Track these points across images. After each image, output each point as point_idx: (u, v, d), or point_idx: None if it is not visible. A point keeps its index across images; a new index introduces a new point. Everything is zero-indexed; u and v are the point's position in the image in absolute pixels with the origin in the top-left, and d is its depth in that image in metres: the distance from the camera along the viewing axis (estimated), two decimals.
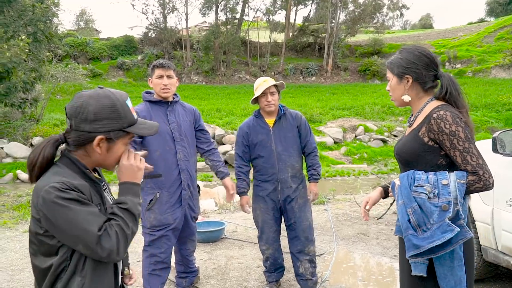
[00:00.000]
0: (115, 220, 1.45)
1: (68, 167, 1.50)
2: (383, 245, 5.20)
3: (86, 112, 1.46)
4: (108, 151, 1.52)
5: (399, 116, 20.61)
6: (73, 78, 21.75)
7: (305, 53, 37.26)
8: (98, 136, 1.47)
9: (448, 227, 1.80)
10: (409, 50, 2.04)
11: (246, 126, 3.74)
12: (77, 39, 33.43)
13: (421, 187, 1.88)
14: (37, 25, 8.73)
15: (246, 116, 20.70)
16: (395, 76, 2.06)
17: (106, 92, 1.52)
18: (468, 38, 36.44)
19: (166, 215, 3.23)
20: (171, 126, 3.30)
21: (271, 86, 3.55)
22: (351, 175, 14.45)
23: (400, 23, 68.00)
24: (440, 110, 1.89)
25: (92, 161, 1.54)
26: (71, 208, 1.37)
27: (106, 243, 1.39)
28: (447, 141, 1.87)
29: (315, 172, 3.66)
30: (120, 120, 1.50)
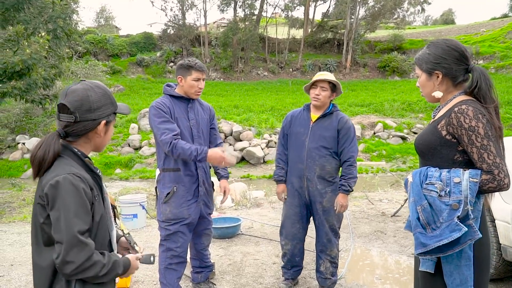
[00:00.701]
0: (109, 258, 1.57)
1: (72, 158, 1.63)
2: (400, 243, 5.12)
3: (88, 102, 1.63)
4: (105, 133, 1.73)
5: (419, 113, 20.32)
6: (93, 74, 22.12)
7: (323, 49, 36.98)
8: (102, 121, 1.67)
9: (456, 226, 1.75)
10: (438, 45, 1.97)
11: (290, 115, 3.73)
12: (97, 36, 33.86)
13: (432, 184, 1.83)
14: (56, 22, 8.84)
15: (264, 112, 20.71)
16: (424, 73, 2.00)
17: (94, 83, 1.71)
18: (491, 34, 35.61)
19: (181, 209, 3.24)
20: (191, 123, 3.30)
21: (324, 81, 3.48)
22: (369, 172, 14.32)
23: (421, 19, 67.08)
24: (463, 104, 1.83)
25: (91, 146, 1.72)
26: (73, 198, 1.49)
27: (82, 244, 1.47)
28: (466, 136, 1.81)
29: (346, 183, 3.46)
30: (113, 105, 1.72)
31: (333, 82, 3.50)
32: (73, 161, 1.61)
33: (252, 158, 15.92)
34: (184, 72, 3.26)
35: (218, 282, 3.99)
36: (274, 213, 6.84)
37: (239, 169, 15.35)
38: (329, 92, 3.51)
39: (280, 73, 33.32)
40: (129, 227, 5.95)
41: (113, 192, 9.71)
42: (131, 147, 17.01)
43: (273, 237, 5.39)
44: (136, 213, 5.96)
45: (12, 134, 17.62)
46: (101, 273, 1.52)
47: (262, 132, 17.75)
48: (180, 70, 3.29)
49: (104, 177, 14.87)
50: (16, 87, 7.87)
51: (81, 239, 1.47)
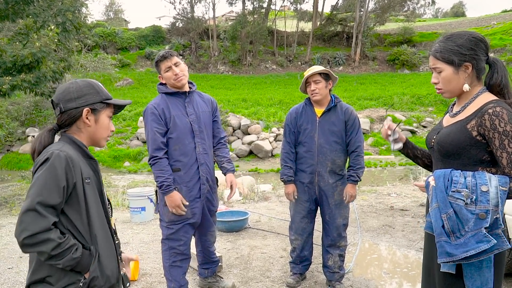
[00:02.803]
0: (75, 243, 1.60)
1: (68, 143, 1.73)
2: (408, 237, 5.10)
3: (69, 93, 1.74)
4: (96, 123, 1.78)
5: (428, 106, 20.15)
6: (102, 68, 22.22)
7: (332, 42, 36.75)
8: (85, 108, 1.74)
9: (484, 238, 1.70)
10: (463, 37, 1.87)
11: (294, 112, 3.64)
12: (106, 30, 33.97)
13: (459, 192, 1.77)
14: (65, 15, 8.87)
15: (272, 106, 20.67)
16: (451, 66, 1.88)
17: (81, 79, 1.84)
18: (502, 27, 35.12)
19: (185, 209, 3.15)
20: (190, 118, 3.16)
21: (315, 74, 3.45)
22: (378, 166, 14.25)
23: (432, 11, 66.30)
24: (497, 106, 1.77)
25: (85, 137, 1.79)
26: (49, 172, 1.57)
27: (39, 216, 1.51)
28: (498, 139, 1.75)
29: (354, 173, 3.46)
30: (98, 94, 1.78)
31: (323, 72, 3.48)
32: (69, 145, 1.70)
33: (260, 152, 15.92)
34: (158, 69, 3.20)
35: (225, 276, 4.00)
36: (281, 207, 6.84)
37: (247, 162, 15.37)
38: (323, 82, 3.47)
39: (289, 67, 33.19)
40: (137, 220, 5.98)
41: (121, 185, 9.77)
42: (140, 140, 17.09)
43: (281, 231, 5.39)
44: (144, 206, 5.98)
45: (22, 127, 17.79)
46: (53, 253, 1.52)
47: (270, 126, 17.73)
48: (157, 68, 3.21)
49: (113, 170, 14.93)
50: (26, 80, 7.92)
51: (40, 209, 1.51)
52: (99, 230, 1.70)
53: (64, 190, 1.58)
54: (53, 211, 1.55)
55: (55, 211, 1.57)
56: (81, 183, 1.65)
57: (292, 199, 3.63)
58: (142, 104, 20.00)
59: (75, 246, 1.59)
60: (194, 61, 32.83)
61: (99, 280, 1.66)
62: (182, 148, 3.12)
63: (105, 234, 1.74)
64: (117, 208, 7.06)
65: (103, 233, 1.72)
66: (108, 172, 13.80)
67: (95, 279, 1.65)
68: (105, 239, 1.72)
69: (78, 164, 1.65)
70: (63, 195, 1.58)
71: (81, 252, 1.60)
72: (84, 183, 1.66)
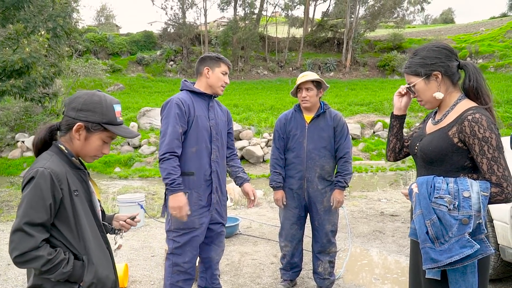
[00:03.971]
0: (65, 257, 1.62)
1: (56, 154, 1.73)
2: (399, 243, 5.13)
3: (76, 102, 1.75)
4: (85, 140, 1.76)
5: (418, 112, 20.30)
6: (93, 73, 22.08)
7: (323, 48, 36.96)
8: (78, 123, 1.73)
9: (468, 243, 1.73)
10: (426, 48, 1.96)
11: (284, 118, 3.66)
12: (97, 35, 33.84)
13: (442, 198, 1.80)
14: (56, 21, 8.85)
15: (264, 111, 20.69)
16: (421, 78, 1.95)
17: (100, 93, 1.80)
18: (490, 33, 35.60)
19: (192, 217, 2.94)
20: (210, 123, 3.05)
21: (308, 82, 3.47)
22: (369, 171, 14.32)
23: (421, 18, 67.00)
24: (476, 112, 1.81)
25: (73, 148, 1.78)
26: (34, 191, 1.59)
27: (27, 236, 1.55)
28: (478, 146, 1.79)
29: (342, 179, 3.50)
30: (101, 115, 1.75)
31: (316, 80, 3.50)
32: (57, 157, 1.71)
33: (251, 157, 15.92)
34: (212, 64, 3.06)
35: None
36: (272, 212, 6.85)
37: None
38: (315, 90, 3.50)
39: (280, 72, 33.30)
40: None
41: (111, 191, 9.70)
42: (131, 145, 17.01)
43: (271, 237, 5.39)
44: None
45: (12, 132, 17.62)
46: (44, 268, 1.57)
47: (261, 131, 17.74)
48: (207, 61, 3.07)
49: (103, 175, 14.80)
50: (15, 86, 7.87)
51: (26, 230, 1.54)
52: (91, 239, 1.71)
53: (50, 207, 1.60)
54: (41, 228, 1.58)
55: (44, 228, 1.60)
56: (69, 197, 1.66)
57: (281, 205, 3.64)
58: (133, 109, 19.93)
59: (65, 260, 1.62)
60: (186, 67, 32.81)
61: (95, 286, 1.69)
62: (200, 151, 2.99)
63: (98, 243, 1.75)
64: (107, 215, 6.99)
65: (95, 242, 1.73)
66: (98, 178, 13.70)
67: (91, 286, 1.68)
68: (98, 247, 1.74)
69: (65, 179, 1.66)
70: (50, 212, 1.60)
71: (72, 265, 1.64)
72: (72, 195, 1.67)
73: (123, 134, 1.81)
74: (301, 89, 3.53)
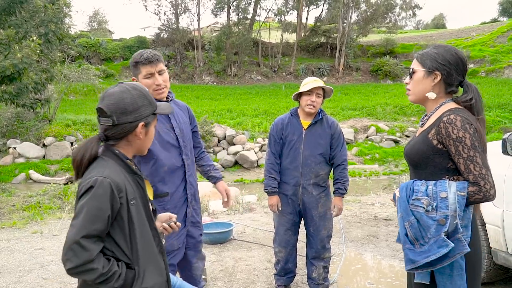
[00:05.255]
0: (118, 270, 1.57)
1: (112, 159, 1.65)
2: (392, 247, 5.13)
3: (124, 105, 1.64)
4: (146, 135, 1.73)
5: (411, 116, 20.44)
6: (85, 78, 21.97)
7: (316, 53, 37.13)
8: (140, 123, 1.67)
9: (444, 242, 1.75)
10: (446, 49, 1.95)
11: (280, 122, 3.59)
12: (90, 40, 33.76)
13: (419, 200, 1.83)
14: (48, 26, 8.81)
15: (257, 116, 20.71)
16: (424, 69, 1.96)
17: (131, 84, 1.73)
18: (481, 38, 36.00)
19: (171, 240, 2.68)
20: (176, 132, 2.71)
21: (320, 87, 3.43)
22: (363, 175, 14.36)
23: (413, 23, 67.65)
24: (451, 114, 1.82)
25: (133, 149, 1.74)
26: (92, 202, 1.52)
27: (82, 249, 1.49)
28: (453, 146, 1.81)
29: (342, 186, 3.49)
30: (150, 105, 1.72)
31: (326, 89, 3.48)
32: (113, 162, 1.64)
33: (245, 162, 15.91)
34: (134, 71, 2.65)
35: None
36: (266, 217, 6.82)
37: (233, 173, 15.34)
38: (322, 98, 3.49)
39: (274, 77, 33.38)
40: None
41: None
42: None
43: (266, 242, 5.37)
44: None
45: (3, 139, 17.47)
46: (97, 281, 1.54)
47: (255, 136, 17.75)
48: (132, 70, 2.67)
49: None
50: (7, 92, 7.82)
51: (82, 243, 1.49)
52: (144, 249, 1.66)
53: (108, 218, 1.55)
54: (97, 239, 1.55)
55: (100, 239, 1.56)
56: (126, 206, 1.60)
57: (275, 211, 3.60)
58: None
59: (118, 273, 1.58)
60: (179, 72, 32.80)
61: None
62: (170, 169, 2.66)
63: (151, 252, 1.70)
64: None
65: (148, 251, 1.68)
66: None
67: None
68: (150, 257, 1.69)
69: (124, 187, 1.60)
70: (107, 223, 1.55)
71: (124, 279, 1.59)
72: (129, 205, 1.61)
73: (168, 111, 1.81)
74: (311, 94, 3.43)
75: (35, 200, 8.37)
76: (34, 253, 5.06)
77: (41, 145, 16.33)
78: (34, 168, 14.59)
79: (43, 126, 17.08)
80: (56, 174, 14.63)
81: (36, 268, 4.56)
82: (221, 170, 15.45)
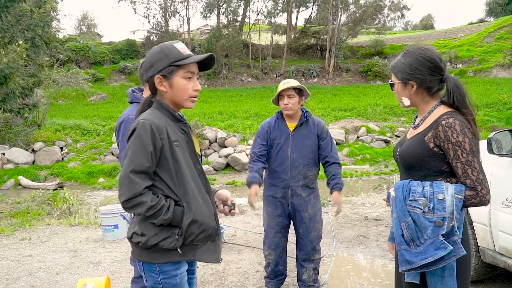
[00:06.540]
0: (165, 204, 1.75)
1: (158, 109, 1.86)
2: (383, 247, 5.14)
3: (145, 63, 1.89)
4: (170, 87, 1.85)
5: (401, 116, 20.55)
6: (74, 83, 21.83)
7: (306, 54, 37.23)
8: (155, 77, 1.83)
9: (441, 244, 1.75)
10: (413, 55, 1.95)
11: (267, 125, 3.60)
12: (79, 44, 33.52)
13: (416, 201, 1.82)
14: (35, 30, 8.73)
15: (248, 118, 20.69)
16: (400, 82, 1.99)
17: (161, 44, 1.92)
18: (469, 38, 36.36)
19: None
20: None
21: (289, 89, 3.44)
22: (354, 176, 14.40)
23: (402, 24, 68.06)
24: (450, 117, 1.83)
25: (168, 101, 1.88)
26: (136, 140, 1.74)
27: (131, 183, 1.71)
28: (452, 150, 1.81)
29: (340, 181, 3.46)
30: (167, 57, 1.83)
31: (298, 87, 3.49)
32: (157, 111, 1.84)
33: (237, 164, 15.88)
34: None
35: None
36: (257, 220, 6.81)
37: (224, 175, 15.30)
38: (297, 97, 3.48)
39: (264, 79, 33.40)
40: (110, 238, 5.85)
41: (94, 202, 9.57)
42: (115, 155, 16.81)
43: (256, 244, 5.36)
44: (117, 224, 5.86)
45: None
46: (147, 214, 1.72)
47: (246, 138, 17.73)
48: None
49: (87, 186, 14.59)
50: None
51: (131, 177, 1.71)
52: (192, 186, 1.81)
53: (151, 155, 1.73)
54: (144, 176, 1.73)
55: (147, 175, 1.74)
56: (168, 146, 1.77)
57: (252, 201, 3.39)
58: (116, 119, 19.72)
59: (165, 207, 1.75)
60: None
61: (194, 228, 1.79)
62: None
63: (199, 190, 1.85)
64: (89, 226, 6.89)
65: (196, 189, 1.83)
66: (82, 188, 13.51)
67: (190, 228, 1.78)
68: (198, 194, 1.84)
69: (165, 129, 1.77)
70: (151, 160, 1.74)
71: (172, 212, 1.76)
72: (172, 145, 1.78)
73: (194, 60, 1.86)
74: (282, 97, 3.49)
75: (24, 206, 8.28)
76: (22, 260, 5.01)
77: (30, 150, 16.15)
78: (23, 174, 14.42)
79: (32, 131, 16.88)
80: (45, 180, 14.48)
81: (24, 276, 4.50)
82: (212, 173, 15.41)
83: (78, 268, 4.71)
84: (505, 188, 3.16)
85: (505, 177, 3.16)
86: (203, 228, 1.82)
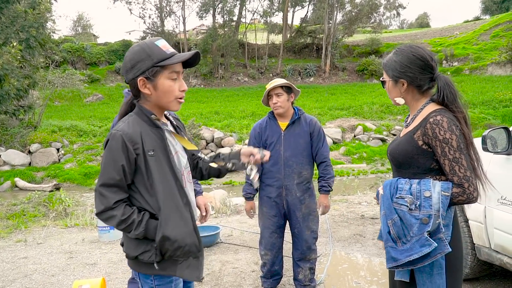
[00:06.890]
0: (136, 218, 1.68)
1: (137, 115, 1.76)
2: (379, 245, 5.14)
3: (125, 64, 1.74)
4: (155, 89, 1.74)
5: (397, 115, 20.59)
6: (70, 84, 21.74)
7: (303, 54, 37.24)
8: (138, 79, 1.71)
9: (426, 242, 1.75)
10: (404, 53, 1.95)
11: (258, 127, 3.62)
12: (75, 45, 33.44)
13: (402, 198, 1.83)
14: (29, 32, 8.69)
15: (245, 118, 20.69)
16: (391, 79, 2.01)
17: (140, 42, 1.79)
18: (464, 36, 36.46)
19: None
20: None
21: (277, 87, 3.44)
22: (351, 174, 14.42)
23: (397, 23, 68.36)
24: (438, 115, 1.83)
25: (152, 104, 1.78)
26: (108, 153, 1.69)
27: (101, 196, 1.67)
28: (439, 147, 1.81)
29: (326, 183, 3.50)
30: (149, 58, 1.70)
31: (285, 85, 3.48)
32: (136, 117, 1.75)
33: None
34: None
35: None
36: (254, 220, 6.79)
37: None
38: (285, 95, 3.47)
39: (261, 79, 33.40)
40: (106, 239, 5.84)
41: (90, 203, 9.54)
42: None
43: (253, 244, 5.35)
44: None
45: None
46: (119, 227, 1.68)
47: (243, 138, 17.72)
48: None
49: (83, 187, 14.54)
50: None
51: (101, 191, 1.67)
52: (167, 198, 1.72)
53: (123, 168, 1.67)
54: (116, 189, 1.68)
55: (119, 188, 1.68)
56: (143, 157, 1.70)
57: (250, 216, 3.69)
58: (112, 119, 19.67)
59: (136, 221, 1.68)
60: None
61: (167, 244, 1.70)
62: None
63: (173, 203, 1.74)
64: (85, 228, 6.87)
65: (169, 202, 1.73)
66: (78, 190, 13.47)
67: (164, 244, 1.69)
68: (172, 207, 1.73)
69: (139, 139, 1.69)
70: (123, 172, 1.67)
71: (144, 227, 1.68)
72: (146, 156, 1.70)
73: (180, 60, 1.73)
74: (271, 96, 3.50)
75: (20, 208, 8.25)
76: (17, 262, 4.98)
77: (26, 152, 16.08)
78: (19, 175, 14.37)
79: (28, 133, 16.81)
80: (42, 181, 14.43)
81: (19, 278, 4.48)
82: None
83: (74, 269, 4.69)
84: (500, 185, 3.15)
85: (500, 175, 3.16)
86: (177, 245, 1.71)
